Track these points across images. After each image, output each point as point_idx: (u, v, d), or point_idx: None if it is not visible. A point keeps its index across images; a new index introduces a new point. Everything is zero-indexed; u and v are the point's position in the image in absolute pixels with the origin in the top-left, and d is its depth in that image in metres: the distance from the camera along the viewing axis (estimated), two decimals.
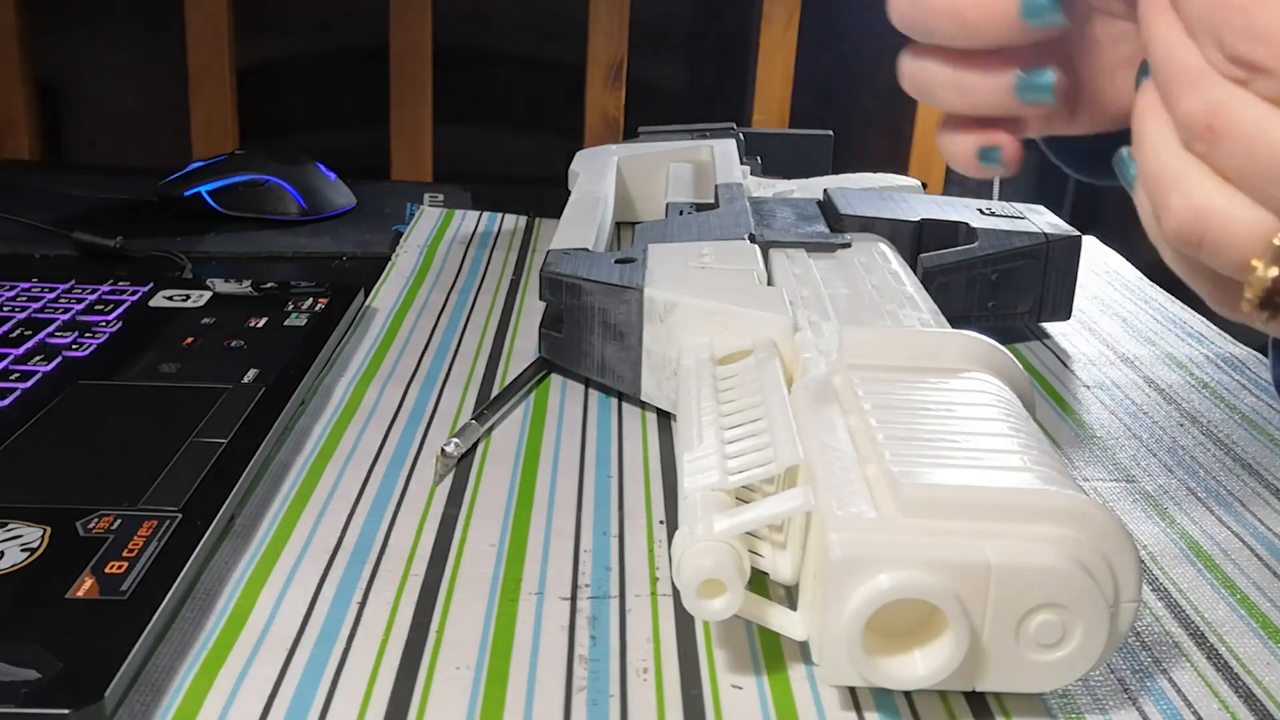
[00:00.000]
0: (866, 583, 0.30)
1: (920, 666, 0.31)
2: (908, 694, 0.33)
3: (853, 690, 0.33)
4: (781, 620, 0.33)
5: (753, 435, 0.37)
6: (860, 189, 0.63)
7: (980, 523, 0.31)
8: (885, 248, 0.55)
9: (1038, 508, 0.31)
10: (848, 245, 0.54)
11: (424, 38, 1.10)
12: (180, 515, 0.36)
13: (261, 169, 0.76)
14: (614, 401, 0.50)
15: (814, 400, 0.38)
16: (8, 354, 0.48)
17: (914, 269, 0.55)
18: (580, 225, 0.57)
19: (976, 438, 0.34)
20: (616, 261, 0.51)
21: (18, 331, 0.50)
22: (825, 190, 0.62)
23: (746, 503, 0.37)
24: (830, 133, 0.78)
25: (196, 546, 0.35)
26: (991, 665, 0.31)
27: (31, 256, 0.68)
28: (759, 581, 0.37)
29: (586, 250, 0.53)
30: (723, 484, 0.34)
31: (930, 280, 0.55)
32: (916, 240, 0.57)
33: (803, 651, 0.34)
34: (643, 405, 0.49)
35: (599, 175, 0.67)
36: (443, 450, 0.44)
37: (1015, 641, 0.31)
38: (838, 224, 0.58)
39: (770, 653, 0.34)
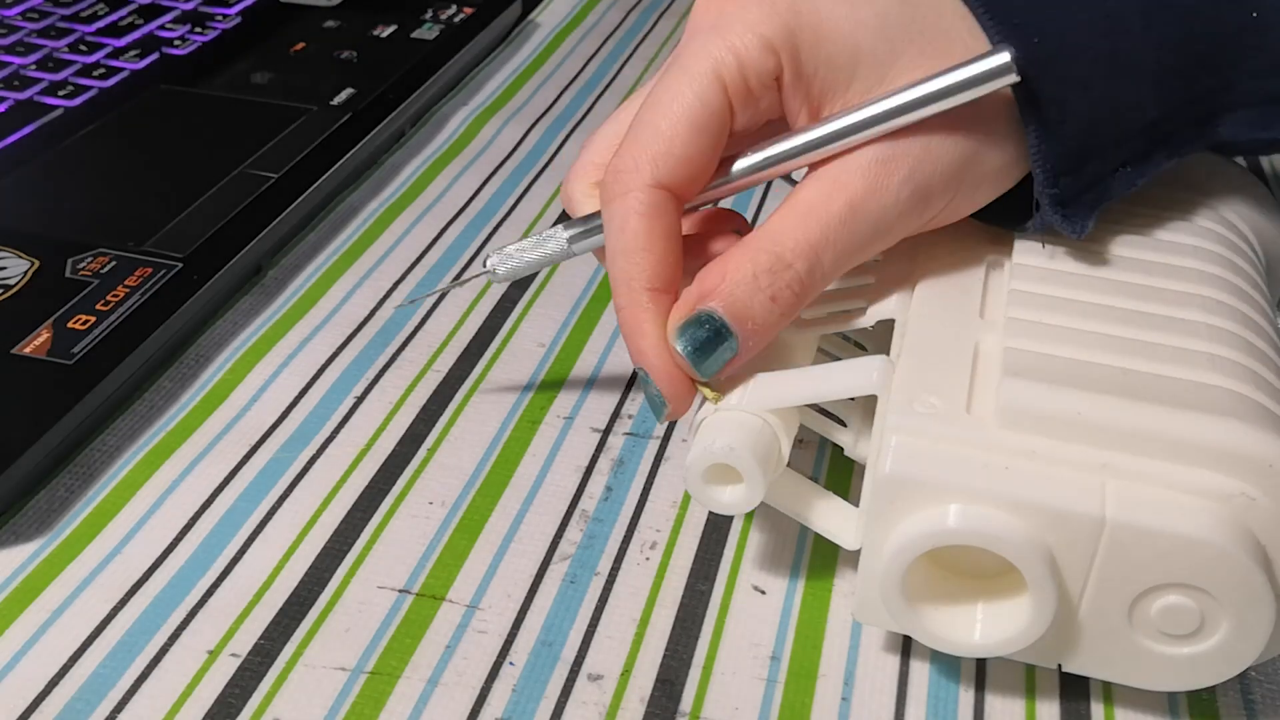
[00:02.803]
0: (923, 513, 0.21)
1: (978, 631, 0.22)
2: None
3: None
4: (829, 521, 0.25)
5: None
6: None
7: (1109, 452, 0.21)
8: None
9: (1203, 446, 0.21)
10: None
11: None
12: (180, 265, 0.32)
13: None
14: None
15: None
16: (107, 45, 0.43)
17: None
18: None
19: (1159, 318, 0.24)
20: None
21: (130, 19, 0.45)
22: None
23: (838, 359, 0.29)
24: None
25: (181, 306, 0.30)
26: (1089, 645, 0.22)
27: None
28: (840, 464, 0.29)
29: None
30: (793, 329, 0.26)
31: None
32: None
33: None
34: None
35: None
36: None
37: (1127, 623, 0.22)
38: None
39: (821, 554, 0.26)
